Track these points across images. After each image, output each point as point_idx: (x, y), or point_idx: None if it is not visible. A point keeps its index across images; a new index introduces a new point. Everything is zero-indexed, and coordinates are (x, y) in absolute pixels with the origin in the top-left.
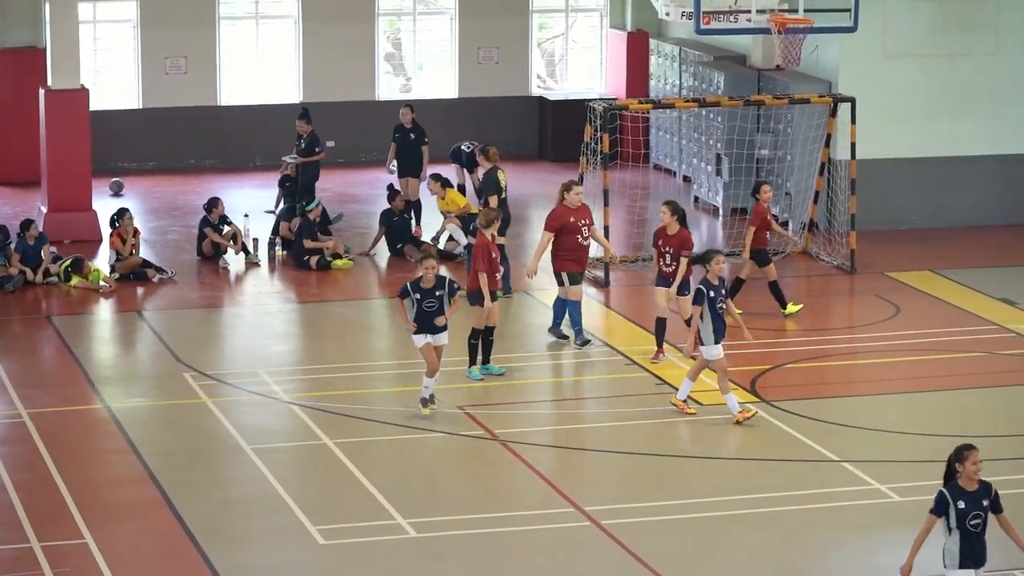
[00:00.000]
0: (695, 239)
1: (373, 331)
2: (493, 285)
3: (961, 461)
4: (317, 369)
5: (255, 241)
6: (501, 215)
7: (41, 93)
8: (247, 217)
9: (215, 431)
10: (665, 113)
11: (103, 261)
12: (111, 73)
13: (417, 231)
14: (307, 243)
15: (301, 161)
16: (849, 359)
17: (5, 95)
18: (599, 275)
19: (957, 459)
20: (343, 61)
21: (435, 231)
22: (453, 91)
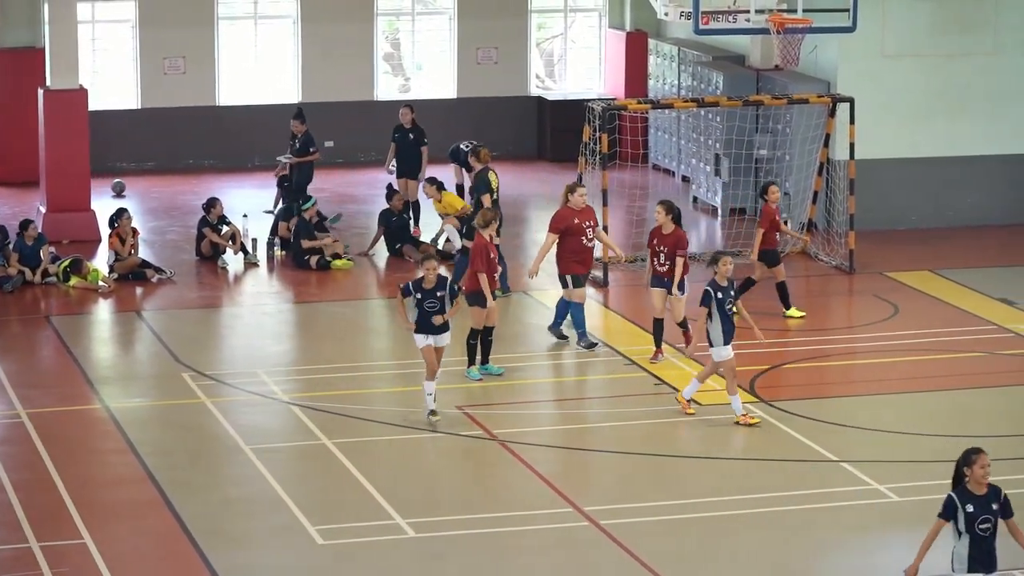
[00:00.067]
0: (694, 239)
1: (372, 331)
2: (492, 285)
3: (969, 465)
4: (316, 369)
5: (254, 241)
6: (498, 216)
7: (40, 93)
8: (246, 217)
9: (214, 431)
10: (664, 113)
11: (102, 261)
12: (110, 73)
13: (416, 231)
14: (305, 243)
15: (295, 161)
16: (848, 359)
17: (4, 95)
18: (598, 275)
19: (965, 463)
20: (342, 61)
21: (434, 232)
22: (452, 91)
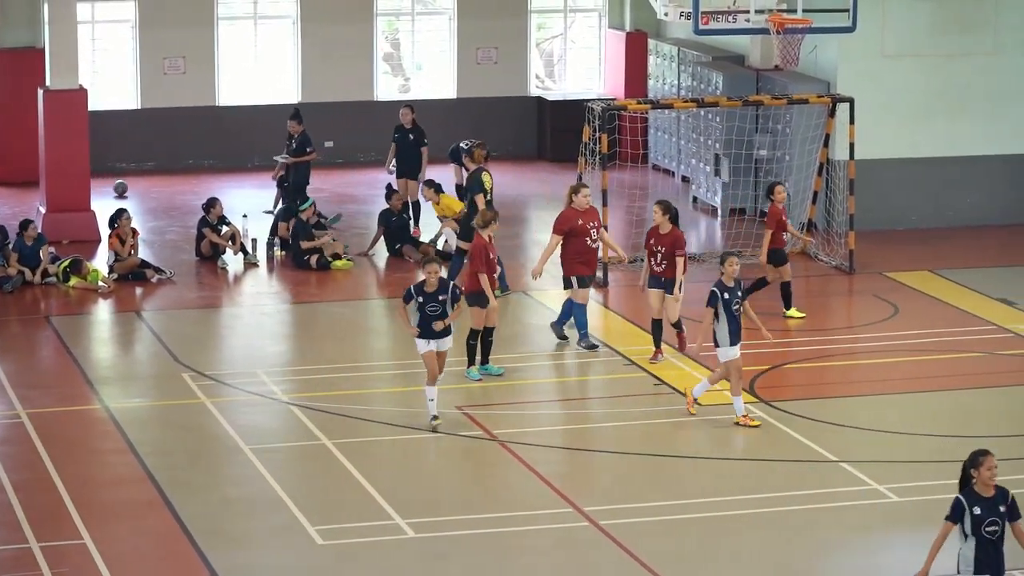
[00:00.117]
0: (694, 240)
1: (371, 331)
2: (492, 285)
3: (976, 467)
4: (315, 369)
5: (253, 241)
6: (497, 216)
7: (40, 93)
8: (245, 217)
9: (213, 431)
10: (664, 113)
11: (101, 261)
12: (110, 73)
13: (416, 232)
14: (304, 244)
15: (292, 161)
16: (848, 359)
17: (4, 95)
18: (598, 275)
19: (972, 465)
20: (341, 61)
21: (433, 233)
22: (452, 91)
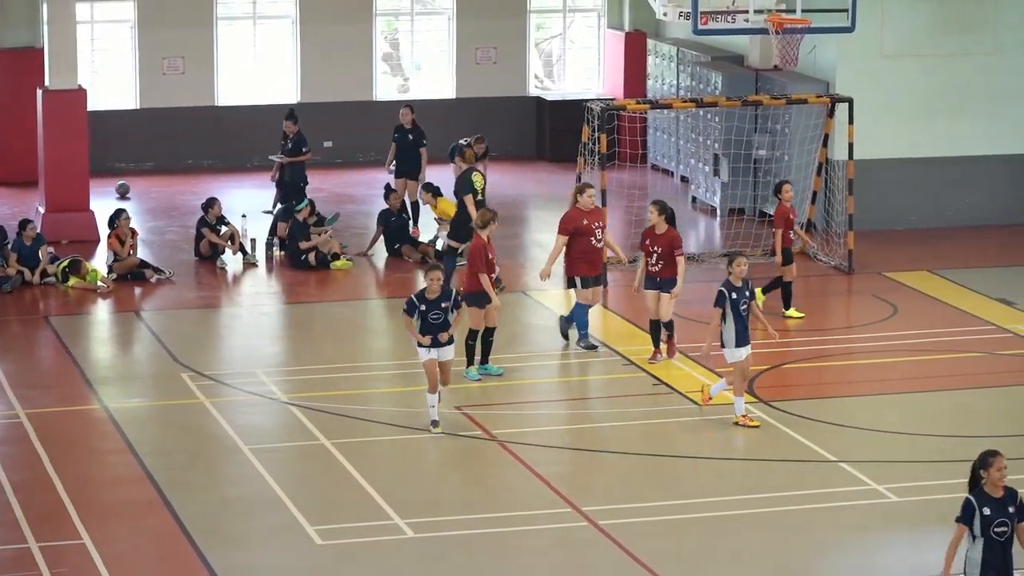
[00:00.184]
0: (693, 240)
1: (371, 331)
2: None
3: (986, 467)
4: (315, 369)
5: (252, 241)
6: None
7: (39, 93)
8: (245, 217)
9: (213, 431)
10: (663, 113)
11: (101, 261)
12: (109, 73)
13: (415, 231)
14: (302, 245)
15: (288, 161)
16: (847, 359)
17: (3, 95)
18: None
19: (982, 466)
20: (340, 61)
21: (432, 234)
22: (451, 91)
